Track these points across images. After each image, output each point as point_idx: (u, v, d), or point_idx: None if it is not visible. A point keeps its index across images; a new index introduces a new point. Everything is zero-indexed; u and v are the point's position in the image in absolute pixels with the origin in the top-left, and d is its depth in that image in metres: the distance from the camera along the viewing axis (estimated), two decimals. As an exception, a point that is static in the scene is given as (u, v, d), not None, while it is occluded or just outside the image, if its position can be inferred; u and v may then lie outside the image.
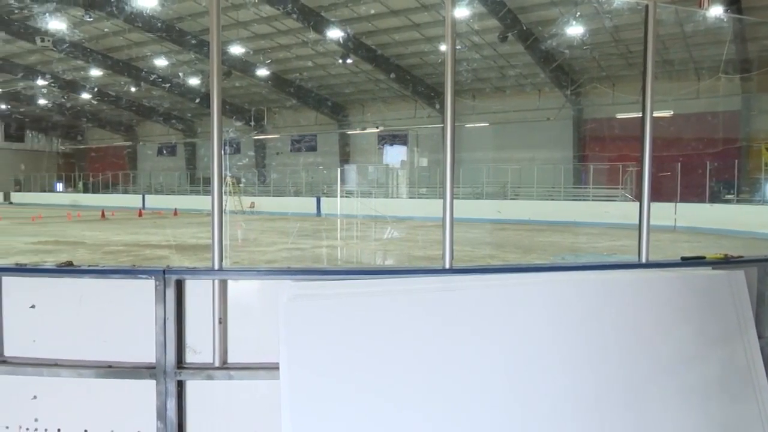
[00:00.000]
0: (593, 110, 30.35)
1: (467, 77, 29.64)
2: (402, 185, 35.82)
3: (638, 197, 3.93)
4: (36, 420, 3.61)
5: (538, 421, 3.22)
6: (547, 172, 30.60)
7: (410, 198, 33.87)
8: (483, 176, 31.46)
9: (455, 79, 3.48)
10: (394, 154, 37.48)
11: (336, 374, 3.08)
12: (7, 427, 3.63)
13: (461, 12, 21.65)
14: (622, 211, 21.34)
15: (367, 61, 30.16)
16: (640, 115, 3.92)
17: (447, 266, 3.50)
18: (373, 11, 25.35)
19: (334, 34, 27.18)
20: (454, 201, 3.58)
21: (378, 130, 36.63)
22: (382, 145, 37.84)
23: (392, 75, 31.16)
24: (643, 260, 3.93)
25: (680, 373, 3.52)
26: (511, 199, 30.67)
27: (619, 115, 27.78)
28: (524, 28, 24.94)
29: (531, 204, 28.50)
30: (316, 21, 25.96)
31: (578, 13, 22.92)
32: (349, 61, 29.55)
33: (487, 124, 31.90)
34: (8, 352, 3.65)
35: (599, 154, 29.16)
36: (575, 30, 24.28)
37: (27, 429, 3.61)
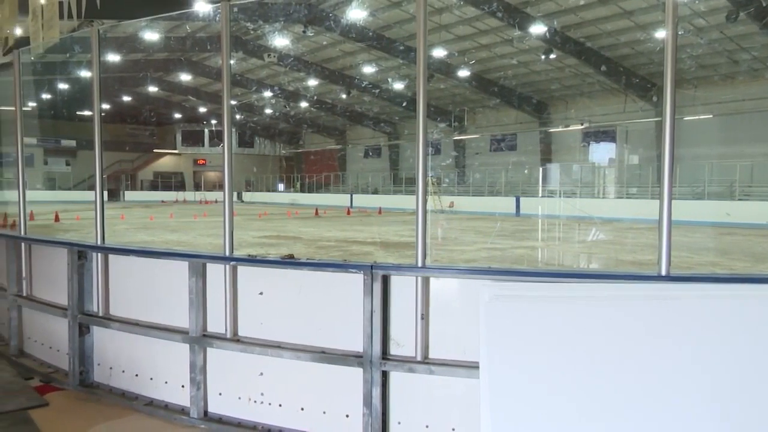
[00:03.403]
0: None
1: (689, 65, 26.80)
2: (610, 184, 33.60)
3: None
4: (262, 394, 4.06)
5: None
6: (788, 168, 26.47)
7: (618, 198, 31.66)
8: (705, 174, 28.17)
9: (675, 68, 3.17)
10: (601, 152, 35.33)
11: (537, 379, 2.99)
12: (240, 398, 4.14)
13: (682, -7, 19.65)
14: None
15: (572, 55, 28.87)
16: None
17: (663, 273, 3.20)
18: (582, 1, 24.16)
19: (538, 29, 26.45)
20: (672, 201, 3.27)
21: (582, 126, 34.82)
22: (588, 142, 35.91)
23: (603, 68, 29.36)
24: None
25: None
26: (740, 199, 27.04)
27: None
28: (763, 4, 21.82)
29: (766, 206, 24.79)
30: (520, 18, 25.54)
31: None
32: (552, 56, 28.56)
33: (711, 116, 28.54)
34: (241, 332, 4.16)
35: None
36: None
37: (254, 401, 4.09)
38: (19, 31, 8.00)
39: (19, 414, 4.32)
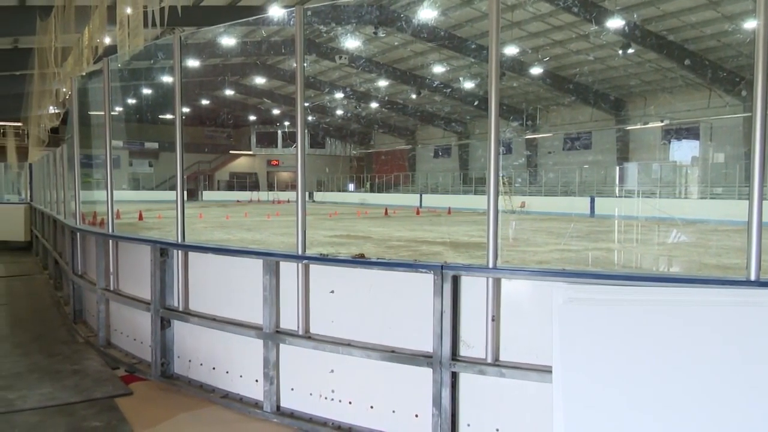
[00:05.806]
0: None
1: (783, 56, 25.11)
2: (692, 184, 31.98)
3: None
4: (332, 391, 4.12)
5: None
6: None
7: (702, 198, 30.09)
8: (799, 173, 26.32)
9: (767, 59, 2.96)
10: (684, 150, 33.68)
11: (613, 387, 2.88)
12: (311, 394, 4.21)
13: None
14: None
15: (652, 50, 27.68)
16: None
17: (752, 277, 3.01)
18: (662, -6, 23.17)
19: (616, 23, 25.52)
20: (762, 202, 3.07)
21: (663, 124, 33.31)
22: (668, 140, 34.32)
23: (686, 62, 27.95)
24: None
25: None
26: (840, 200, 25.06)
27: None
28: None
29: None
30: (597, 12, 24.74)
31: None
32: (631, 51, 27.48)
33: (807, 111, 26.64)
34: (313, 330, 4.23)
35: None
36: None
37: (325, 398, 4.15)
38: (108, 40, 8.50)
39: (106, 401, 4.58)
